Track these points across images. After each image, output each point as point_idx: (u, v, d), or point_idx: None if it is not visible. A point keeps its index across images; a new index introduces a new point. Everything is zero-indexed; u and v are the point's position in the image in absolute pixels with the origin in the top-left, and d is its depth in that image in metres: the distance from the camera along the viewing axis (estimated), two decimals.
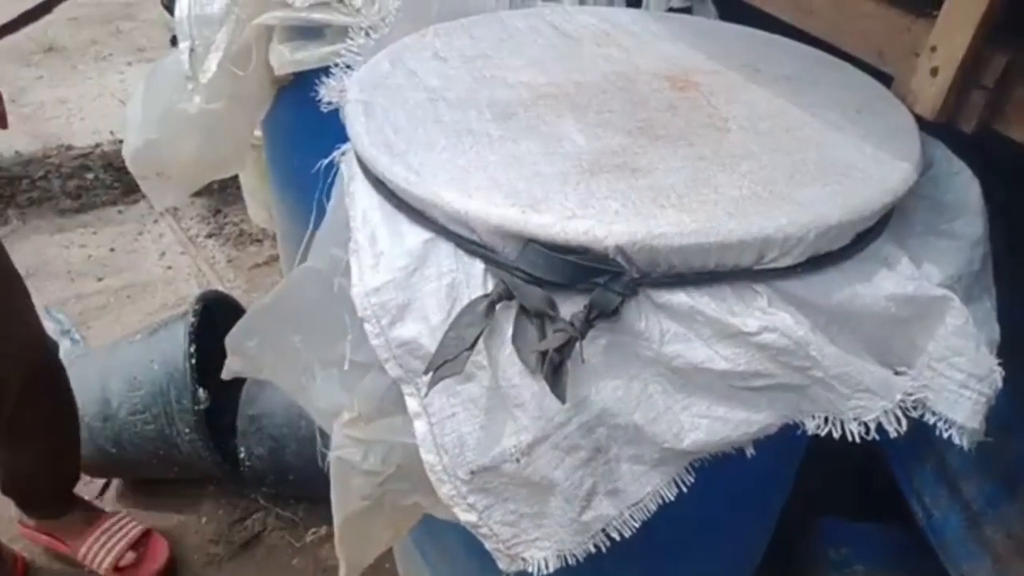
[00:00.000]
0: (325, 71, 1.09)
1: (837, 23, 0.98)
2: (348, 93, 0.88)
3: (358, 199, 0.80)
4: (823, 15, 0.99)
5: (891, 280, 0.71)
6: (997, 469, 1.09)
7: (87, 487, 1.71)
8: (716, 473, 0.74)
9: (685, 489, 0.73)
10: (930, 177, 0.85)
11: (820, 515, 1.32)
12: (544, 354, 0.65)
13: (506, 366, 0.70)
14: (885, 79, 0.94)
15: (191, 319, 1.55)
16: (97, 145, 2.87)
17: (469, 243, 0.71)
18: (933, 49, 0.85)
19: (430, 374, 0.68)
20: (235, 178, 2.48)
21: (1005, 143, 0.81)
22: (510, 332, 0.69)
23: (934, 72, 0.85)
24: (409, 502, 0.88)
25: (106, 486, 1.73)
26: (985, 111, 0.83)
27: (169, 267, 2.36)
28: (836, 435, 0.70)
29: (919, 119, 0.87)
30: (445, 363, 0.67)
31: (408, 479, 0.84)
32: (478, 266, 0.71)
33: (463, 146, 0.78)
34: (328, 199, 0.91)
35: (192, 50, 1.28)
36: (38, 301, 2.14)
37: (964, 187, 0.84)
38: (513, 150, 0.78)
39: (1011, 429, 1.06)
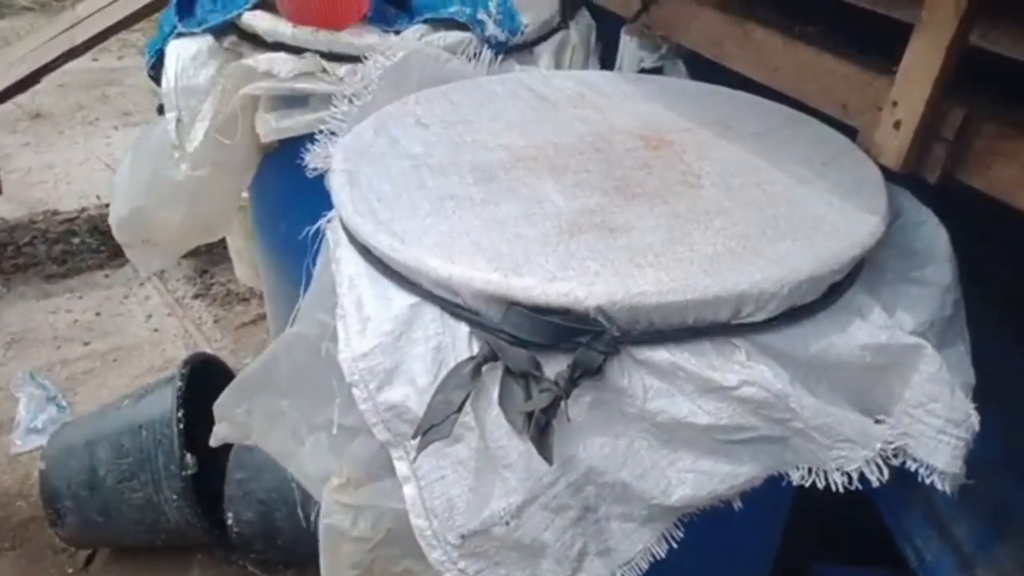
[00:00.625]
0: (310, 137, 1.12)
1: (801, 80, 1.02)
2: (333, 162, 0.90)
3: (344, 265, 0.82)
4: (787, 72, 1.03)
5: (865, 330, 0.73)
6: (986, 510, 1.10)
7: (72, 558, 1.68)
8: (705, 527, 0.75)
9: (675, 544, 0.74)
10: (899, 226, 0.88)
11: (814, 562, 1.32)
12: (530, 415, 0.66)
13: (493, 427, 0.71)
14: (850, 132, 0.98)
15: (178, 384, 1.55)
16: (83, 209, 2.88)
17: (454, 307, 0.73)
18: (894, 104, 0.89)
19: (418, 438, 0.69)
20: (221, 238, 2.49)
21: (971, 191, 0.84)
22: (496, 393, 0.70)
23: (897, 125, 0.89)
24: (400, 568, 0.87)
25: (91, 556, 1.70)
26: (948, 162, 0.86)
27: (156, 329, 2.35)
28: (820, 485, 0.71)
29: (885, 169, 0.91)
30: (433, 427, 0.68)
31: (398, 544, 0.84)
32: (463, 329, 0.72)
33: (446, 211, 0.80)
34: (315, 265, 0.93)
35: (179, 120, 1.30)
36: (23, 367, 2.15)
37: (932, 235, 0.87)
38: (495, 213, 0.80)
39: (997, 469, 1.07)
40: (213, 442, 1.01)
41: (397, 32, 1.24)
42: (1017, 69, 0.81)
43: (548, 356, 0.69)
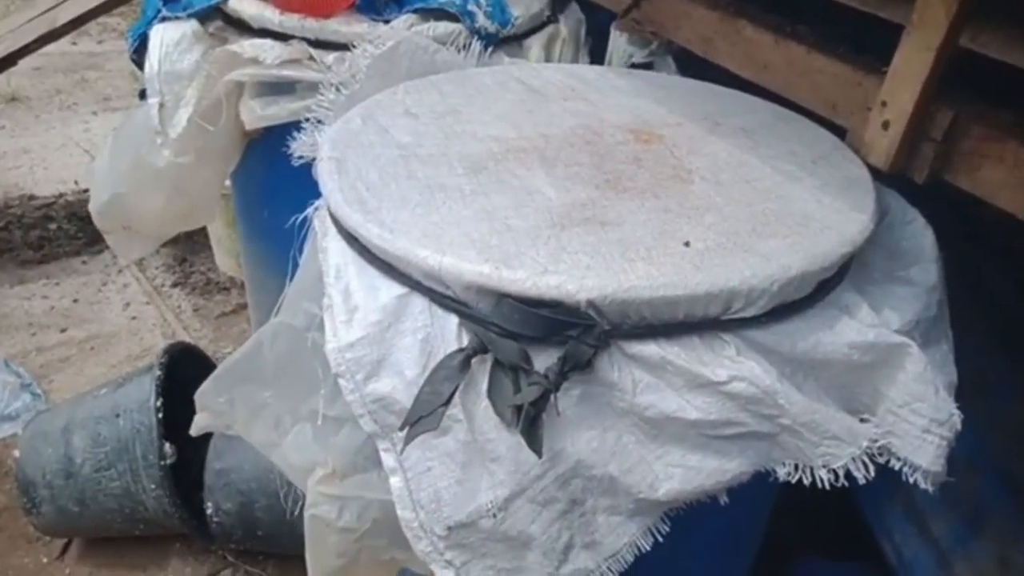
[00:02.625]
0: (296, 125, 1.10)
1: (791, 78, 1.02)
2: (320, 151, 0.89)
3: (331, 255, 0.81)
4: (777, 70, 1.04)
5: (852, 328, 0.73)
6: (963, 507, 1.11)
7: (47, 547, 1.66)
8: (690, 521, 0.75)
9: (661, 538, 0.74)
10: (886, 225, 0.89)
11: (795, 556, 1.33)
12: (519, 408, 0.66)
13: (482, 420, 0.70)
14: (838, 131, 0.98)
15: (157, 372, 1.53)
16: (61, 195, 2.83)
17: (443, 298, 0.72)
18: (884, 104, 0.89)
19: (406, 430, 0.68)
20: (202, 227, 2.46)
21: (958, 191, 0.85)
22: (485, 386, 0.69)
23: (885, 125, 0.90)
24: (386, 557, 0.87)
25: (67, 546, 1.67)
26: (935, 162, 0.87)
27: (134, 317, 2.32)
28: (807, 482, 0.72)
29: (873, 168, 0.91)
30: (421, 419, 0.68)
31: (385, 535, 0.84)
32: (452, 321, 0.72)
33: (436, 201, 0.80)
34: (300, 254, 0.92)
35: (162, 105, 1.28)
36: None
37: (918, 234, 0.88)
38: (485, 204, 0.80)
39: (975, 466, 1.09)
40: (194, 431, 1.00)
41: (386, 21, 1.23)
42: (1007, 70, 0.82)
43: (538, 349, 0.69)
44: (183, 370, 1.59)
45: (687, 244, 0.73)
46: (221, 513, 1.52)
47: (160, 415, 1.49)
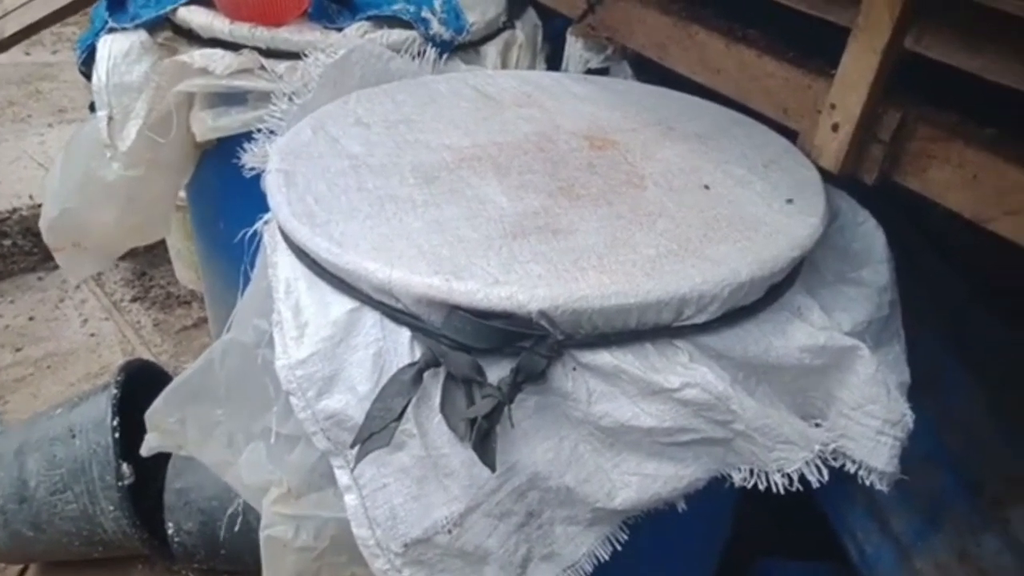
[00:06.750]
0: (248, 136, 1.08)
1: (743, 82, 1.03)
2: (269, 162, 0.87)
3: (281, 269, 0.79)
4: (730, 75, 1.04)
5: (803, 331, 0.73)
6: (922, 501, 1.12)
7: (1, 574, 1.61)
8: (650, 528, 0.75)
9: (620, 547, 0.73)
10: (837, 227, 0.89)
11: (759, 557, 1.34)
12: (473, 421, 0.65)
13: (435, 434, 0.69)
14: (791, 134, 0.99)
15: (114, 391, 1.49)
16: (15, 210, 2.76)
17: (395, 312, 0.71)
18: (832, 107, 0.90)
19: (358, 447, 0.67)
20: (161, 239, 2.42)
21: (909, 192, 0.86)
22: (438, 399, 0.68)
23: (835, 128, 0.90)
24: (347, 574, 0.86)
25: (23, 572, 1.63)
26: (884, 163, 0.88)
27: (92, 334, 2.27)
28: (762, 487, 0.72)
29: (824, 171, 0.92)
30: (372, 435, 0.66)
31: (344, 552, 0.82)
32: (404, 334, 0.71)
33: (386, 213, 0.79)
34: (252, 268, 0.90)
35: (111, 118, 1.26)
36: None
37: (869, 236, 0.89)
38: (436, 215, 0.79)
39: (932, 463, 1.10)
40: (144, 451, 0.97)
41: (339, 29, 1.22)
42: (955, 72, 0.83)
43: (491, 361, 0.68)
44: (141, 387, 1.56)
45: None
46: (183, 533, 1.48)
47: (117, 434, 1.45)
